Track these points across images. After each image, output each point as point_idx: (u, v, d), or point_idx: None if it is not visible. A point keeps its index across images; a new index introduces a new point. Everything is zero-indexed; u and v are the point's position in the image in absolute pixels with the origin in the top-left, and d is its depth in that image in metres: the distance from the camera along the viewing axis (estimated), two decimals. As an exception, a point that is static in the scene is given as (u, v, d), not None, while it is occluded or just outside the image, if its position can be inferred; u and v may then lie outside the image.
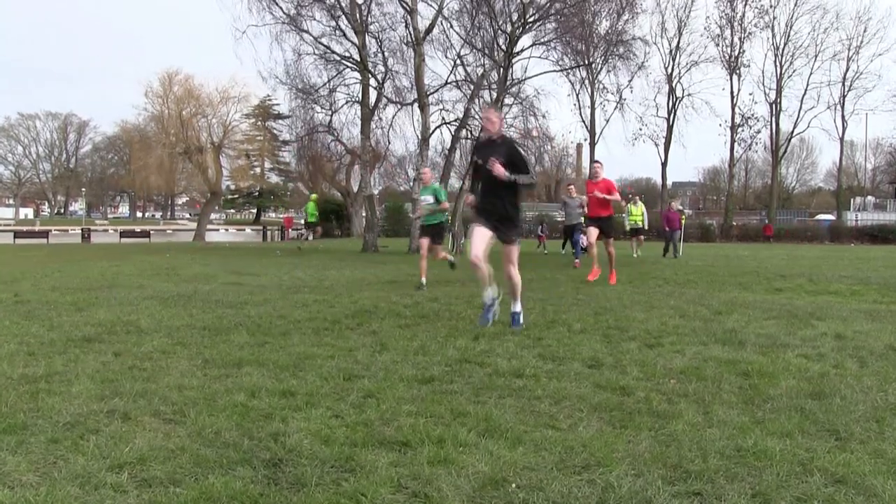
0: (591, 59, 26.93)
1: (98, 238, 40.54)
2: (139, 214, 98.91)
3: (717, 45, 45.27)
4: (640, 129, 45.97)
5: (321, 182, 40.32)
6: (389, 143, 27.38)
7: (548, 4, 21.71)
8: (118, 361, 4.49)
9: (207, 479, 2.48)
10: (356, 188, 33.35)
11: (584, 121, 47.18)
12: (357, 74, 24.22)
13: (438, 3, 22.16)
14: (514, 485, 2.48)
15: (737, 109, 45.92)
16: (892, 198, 55.80)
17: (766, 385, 3.86)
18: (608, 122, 58.55)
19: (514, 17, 22.01)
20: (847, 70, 46.19)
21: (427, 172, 11.25)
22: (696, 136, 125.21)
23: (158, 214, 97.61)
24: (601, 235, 10.40)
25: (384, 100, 24.74)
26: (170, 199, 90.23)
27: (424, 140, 22.36)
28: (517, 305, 6.07)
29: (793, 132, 48.57)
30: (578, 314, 6.74)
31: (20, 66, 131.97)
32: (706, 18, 50.29)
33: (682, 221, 21.44)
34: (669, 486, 2.47)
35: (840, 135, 48.72)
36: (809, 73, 46.13)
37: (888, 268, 14.57)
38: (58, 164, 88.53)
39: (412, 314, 6.71)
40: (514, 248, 5.99)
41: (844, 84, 46.54)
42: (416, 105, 23.16)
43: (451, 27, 23.20)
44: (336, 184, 41.57)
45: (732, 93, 45.87)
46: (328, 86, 25.06)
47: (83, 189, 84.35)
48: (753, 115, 46.05)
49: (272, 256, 19.01)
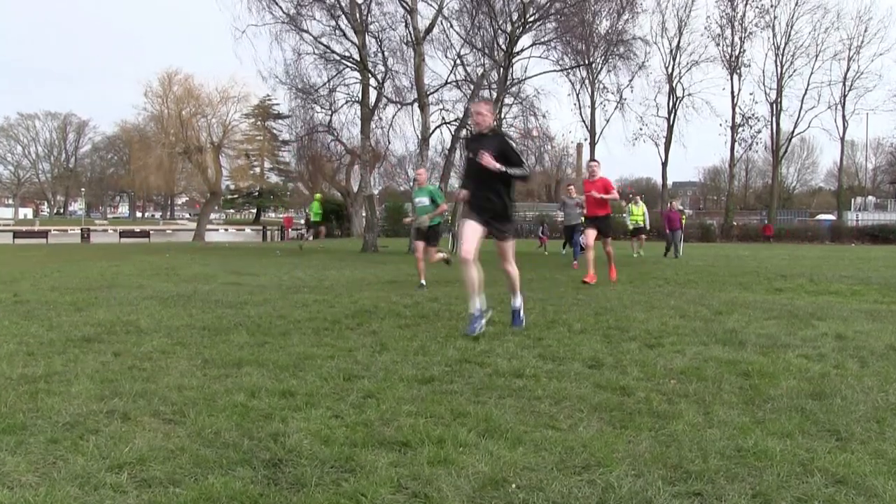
0: (592, 59, 26.94)
1: (97, 238, 40.53)
2: (139, 214, 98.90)
3: (718, 45, 45.35)
4: (641, 129, 46.03)
5: (321, 182, 40.33)
6: (389, 143, 27.44)
7: (548, 4, 21.71)
8: (118, 361, 4.49)
9: (207, 480, 2.48)
10: (356, 188, 33.36)
11: (585, 121, 47.19)
12: (357, 74, 24.24)
13: (438, 3, 22.18)
14: (514, 485, 2.47)
15: (737, 109, 45.98)
16: (893, 198, 55.93)
17: (767, 385, 3.85)
18: (608, 122, 58.44)
19: (515, 17, 22.02)
20: (848, 70, 46.25)
21: (422, 173, 10.92)
22: (697, 136, 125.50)
23: (158, 214, 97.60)
24: (599, 236, 10.32)
25: (384, 99, 24.77)
26: (169, 199, 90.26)
27: (424, 140, 22.37)
28: (517, 300, 5.96)
29: (793, 132, 48.66)
30: (579, 314, 6.74)
31: (20, 66, 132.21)
32: (706, 18, 50.25)
33: (683, 221, 21.44)
34: (670, 487, 2.47)
35: (841, 135, 48.77)
36: (810, 73, 46.19)
37: (889, 268, 14.57)
38: (57, 164, 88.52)
39: (412, 314, 6.71)
40: (509, 245, 5.80)
41: (845, 84, 46.55)
42: (416, 105, 23.17)
43: (451, 27, 23.25)
44: (336, 184, 41.59)
45: (733, 92, 45.95)
46: (328, 85, 25.12)
47: (82, 189, 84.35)
48: (754, 115, 46.13)
49: (272, 256, 19.00)
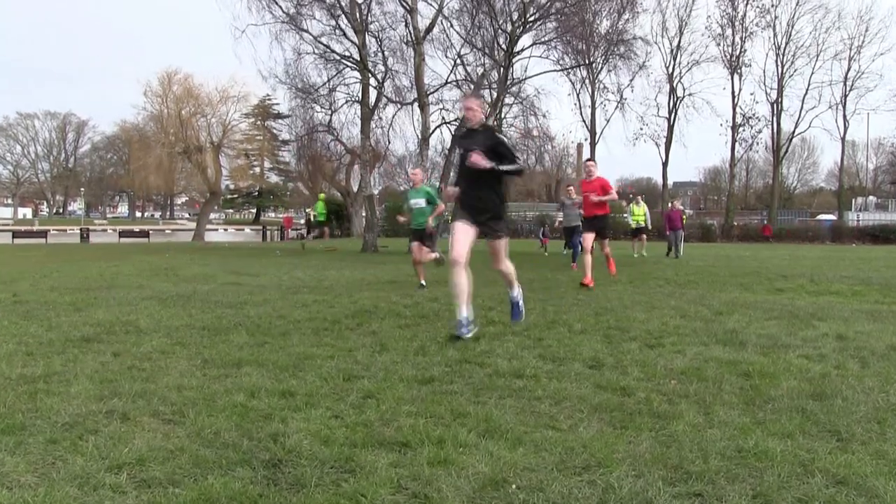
0: (592, 59, 26.93)
1: (97, 238, 40.50)
2: (138, 214, 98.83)
3: (719, 45, 45.25)
4: (641, 129, 46.05)
5: (321, 182, 40.31)
6: (389, 143, 27.42)
7: (548, 4, 21.70)
8: (117, 362, 4.48)
9: (207, 480, 2.48)
10: (356, 188, 33.34)
11: (585, 120, 47.15)
12: (357, 74, 24.23)
13: (438, 3, 22.18)
14: (515, 486, 2.47)
15: (738, 109, 45.85)
16: (894, 198, 55.88)
17: (768, 386, 3.84)
18: (609, 122, 58.36)
19: (515, 17, 22.01)
20: (849, 69, 46.09)
21: (417, 174, 10.62)
22: (697, 136, 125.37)
23: (157, 214, 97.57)
24: (597, 237, 10.11)
25: (384, 99, 24.77)
26: (169, 199, 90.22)
27: (424, 140, 22.36)
28: (514, 291, 5.84)
29: (794, 132, 48.53)
30: (579, 314, 6.73)
31: (20, 66, 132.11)
32: (707, 18, 50.15)
33: (684, 220, 21.40)
34: (670, 487, 2.46)
35: (841, 134, 48.66)
36: (811, 73, 46.03)
37: (890, 268, 14.55)
38: (56, 164, 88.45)
39: (412, 314, 6.71)
40: (502, 244, 5.59)
41: (846, 84, 46.43)
42: (416, 105, 23.17)
43: (452, 26, 23.25)
44: (336, 184, 41.56)
45: (733, 92, 45.84)
46: (328, 85, 25.12)
47: (82, 189, 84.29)
48: (754, 115, 46.00)
49: (272, 256, 19.00)
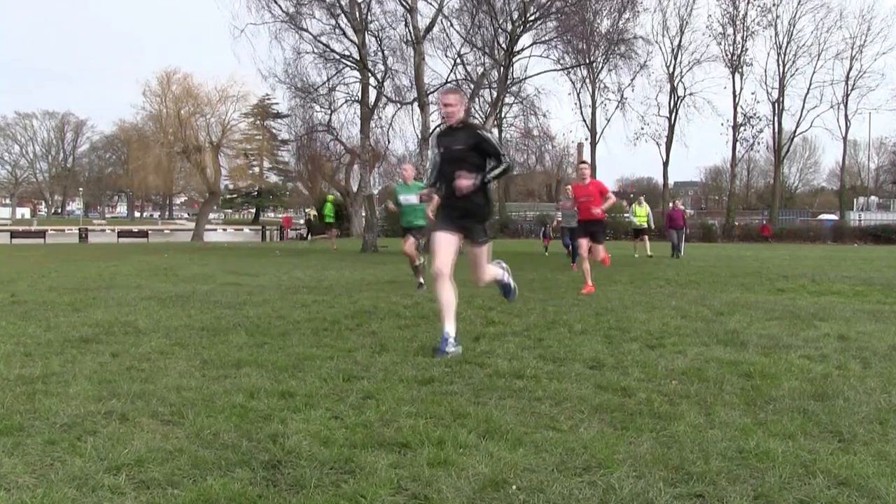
0: (592, 58, 26.90)
1: (95, 238, 40.45)
2: (137, 214, 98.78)
3: (720, 44, 45.04)
4: (642, 129, 46.01)
5: (320, 182, 40.27)
6: (389, 143, 27.39)
7: (549, 3, 21.67)
8: (116, 362, 4.47)
9: (206, 481, 2.47)
10: (356, 188, 33.31)
11: (585, 120, 47.12)
12: (356, 73, 24.22)
13: (438, 2, 22.19)
14: (515, 486, 2.46)
15: (739, 108, 45.63)
16: (896, 197, 55.84)
17: (769, 386, 3.84)
18: (609, 122, 58.32)
19: (515, 16, 21.98)
20: (850, 69, 45.88)
21: (408, 169, 10.27)
22: (698, 136, 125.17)
23: (156, 214, 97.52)
24: (591, 241, 9.71)
25: (384, 99, 24.76)
26: (168, 199, 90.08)
27: (424, 139, 22.34)
28: (502, 278, 5.49)
29: (795, 131, 48.39)
30: (579, 315, 6.72)
31: (20, 66, 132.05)
32: (708, 17, 50.21)
33: (686, 219, 21.35)
34: (671, 488, 2.45)
35: (843, 134, 48.58)
36: (812, 72, 45.90)
37: (892, 268, 14.53)
38: (55, 164, 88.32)
39: (412, 315, 6.69)
40: (483, 251, 5.10)
41: (848, 83, 46.27)
42: (416, 104, 23.16)
43: (452, 26, 23.26)
44: (335, 183, 41.53)
45: (734, 92, 45.62)
46: (327, 85, 25.10)
47: (80, 189, 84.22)
48: (756, 115, 45.79)
49: (271, 257, 18.98)
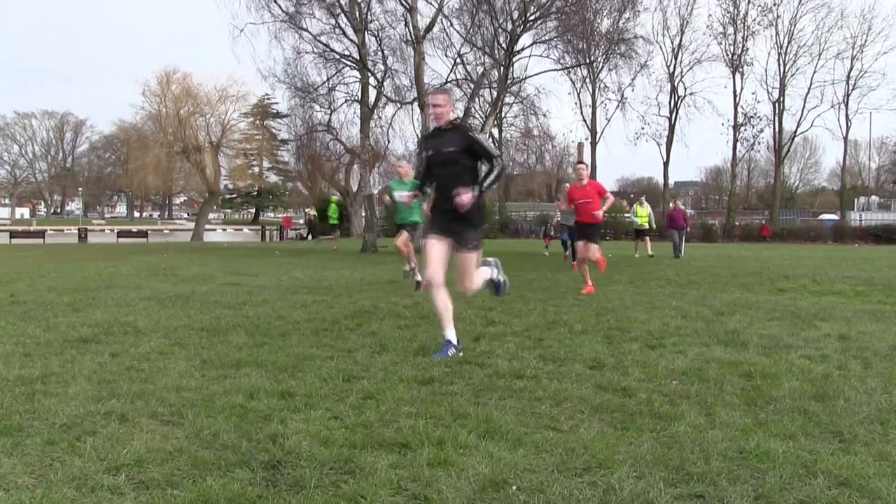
0: (593, 58, 26.84)
1: (95, 238, 40.40)
2: (136, 214, 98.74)
3: (720, 44, 44.98)
4: (643, 129, 45.96)
5: (320, 181, 40.25)
6: (389, 143, 27.34)
7: (549, 2, 21.62)
8: (115, 362, 4.47)
9: (205, 481, 2.47)
10: (355, 188, 33.28)
11: (586, 120, 47.06)
12: (356, 73, 24.20)
13: (438, 1, 22.15)
14: (515, 487, 2.46)
15: (739, 108, 45.57)
16: (897, 197, 55.76)
17: (769, 386, 3.83)
18: (609, 122, 58.13)
19: (515, 16, 21.95)
20: (851, 68, 45.82)
21: (404, 166, 10.03)
22: (699, 136, 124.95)
23: (156, 214, 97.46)
24: (587, 241, 9.56)
25: (384, 98, 24.74)
26: (167, 199, 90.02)
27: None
28: (492, 276, 5.19)
29: (796, 131, 48.31)
30: (580, 315, 6.72)
31: (20, 66, 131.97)
32: (709, 17, 50.05)
33: (687, 219, 21.32)
34: (671, 489, 2.45)
35: (844, 134, 48.55)
36: (813, 72, 45.81)
37: (892, 268, 14.51)
38: (54, 164, 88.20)
39: (412, 315, 6.69)
40: (472, 257, 4.82)
41: (848, 83, 46.21)
42: (416, 104, 23.13)
43: (452, 25, 23.22)
44: (335, 183, 41.49)
45: (735, 91, 45.54)
46: (327, 84, 25.07)
47: (80, 189, 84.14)
48: (756, 114, 45.77)
49: (271, 257, 18.97)
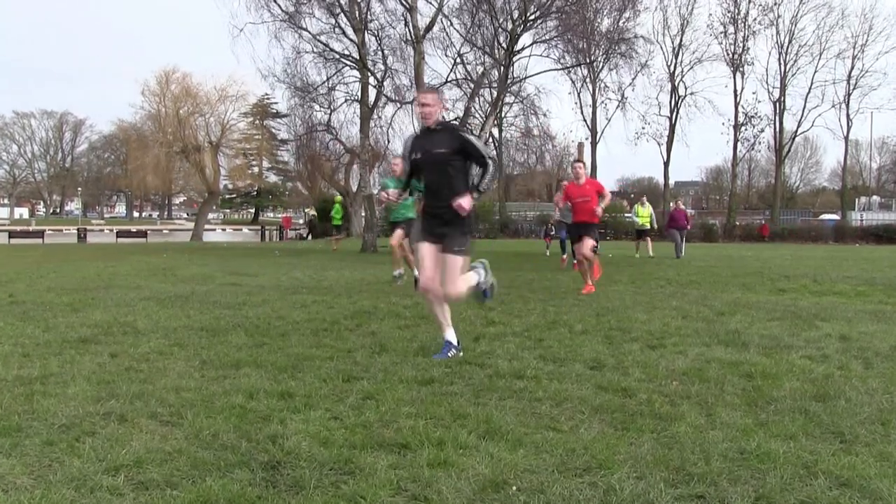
0: (593, 58, 26.83)
1: (94, 238, 40.41)
2: (136, 214, 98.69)
3: (721, 43, 44.85)
4: (643, 129, 45.92)
5: (320, 181, 40.26)
6: (389, 143, 27.29)
7: (549, 2, 21.60)
8: (115, 363, 4.46)
9: (205, 482, 2.46)
10: (355, 188, 33.29)
11: (586, 119, 46.94)
12: (356, 73, 24.19)
13: (438, 1, 22.15)
14: (515, 487, 2.46)
15: (740, 108, 45.38)
16: (898, 197, 55.75)
17: (770, 387, 3.83)
18: (610, 121, 57.91)
19: (515, 15, 21.93)
20: (852, 68, 45.66)
21: (399, 163, 9.58)
22: (699, 135, 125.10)
23: (155, 214, 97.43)
24: (580, 239, 9.34)
25: (384, 98, 24.73)
26: (167, 199, 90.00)
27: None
28: (479, 281, 4.93)
29: (797, 131, 48.17)
30: (580, 315, 6.71)
31: (20, 66, 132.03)
32: (709, 16, 49.95)
33: (689, 219, 21.30)
34: (672, 489, 2.44)
35: (845, 134, 48.43)
36: (814, 72, 45.64)
37: (894, 268, 14.50)
38: (53, 164, 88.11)
39: (412, 315, 6.68)
40: (457, 261, 4.58)
41: (849, 82, 46.09)
42: (416, 104, 23.09)
43: (452, 25, 23.22)
44: (335, 183, 41.48)
45: (736, 91, 45.33)
46: (327, 84, 25.07)
47: (79, 189, 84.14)
48: (757, 114, 45.60)
49: (270, 257, 18.96)
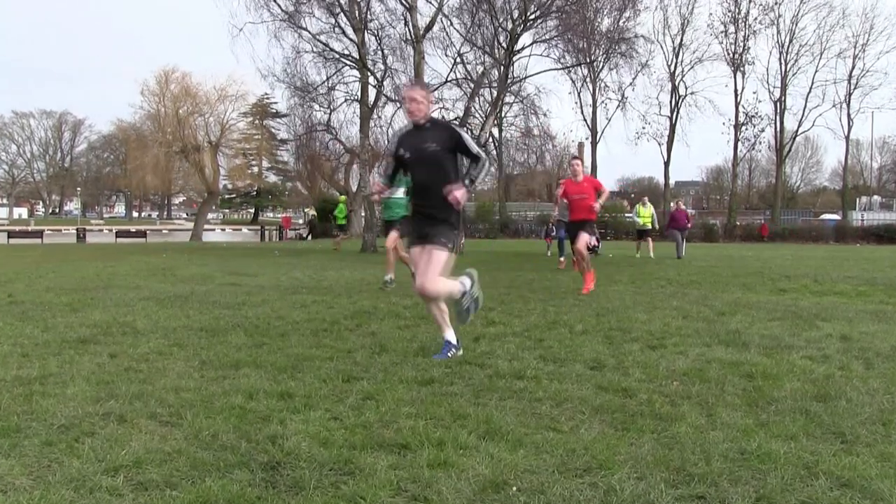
0: (593, 57, 26.83)
1: (93, 238, 40.43)
2: (135, 214, 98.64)
3: (721, 43, 44.96)
4: (643, 128, 46.03)
5: (319, 181, 40.29)
6: (389, 142, 27.37)
7: (549, 1, 21.60)
8: (114, 363, 4.45)
9: (204, 483, 2.45)
10: (355, 188, 33.30)
11: (586, 119, 47.11)
12: (356, 72, 24.22)
13: (438, 1, 22.15)
14: (515, 488, 2.45)
15: (741, 108, 45.50)
16: (899, 197, 55.77)
17: (771, 387, 3.82)
18: (610, 121, 57.95)
19: (515, 15, 21.92)
20: (853, 68, 45.84)
21: None
22: (700, 135, 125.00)
23: (155, 214, 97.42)
24: (578, 238, 9.21)
25: (383, 98, 24.75)
26: (166, 199, 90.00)
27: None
28: (466, 289, 4.70)
29: (797, 131, 48.27)
30: (580, 315, 6.71)
31: (20, 66, 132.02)
32: (709, 15, 50.02)
33: (690, 219, 21.29)
34: (672, 490, 2.44)
35: (845, 133, 48.57)
36: (815, 71, 45.82)
37: (894, 268, 14.50)
38: (52, 164, 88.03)
39: (412, 315, 6.67)
40: (440, 255, 4.44)
41: (850, 82, 46.26)
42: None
43: (451, 24, 23.23)
44: (335, 183, 41.53)
45: (736, 91, 45.48)
46: (327, 84, 25.10)
47: (78, 188, 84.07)
48: (757, 114, 45.72)
49: (270, 257, 18.96)
